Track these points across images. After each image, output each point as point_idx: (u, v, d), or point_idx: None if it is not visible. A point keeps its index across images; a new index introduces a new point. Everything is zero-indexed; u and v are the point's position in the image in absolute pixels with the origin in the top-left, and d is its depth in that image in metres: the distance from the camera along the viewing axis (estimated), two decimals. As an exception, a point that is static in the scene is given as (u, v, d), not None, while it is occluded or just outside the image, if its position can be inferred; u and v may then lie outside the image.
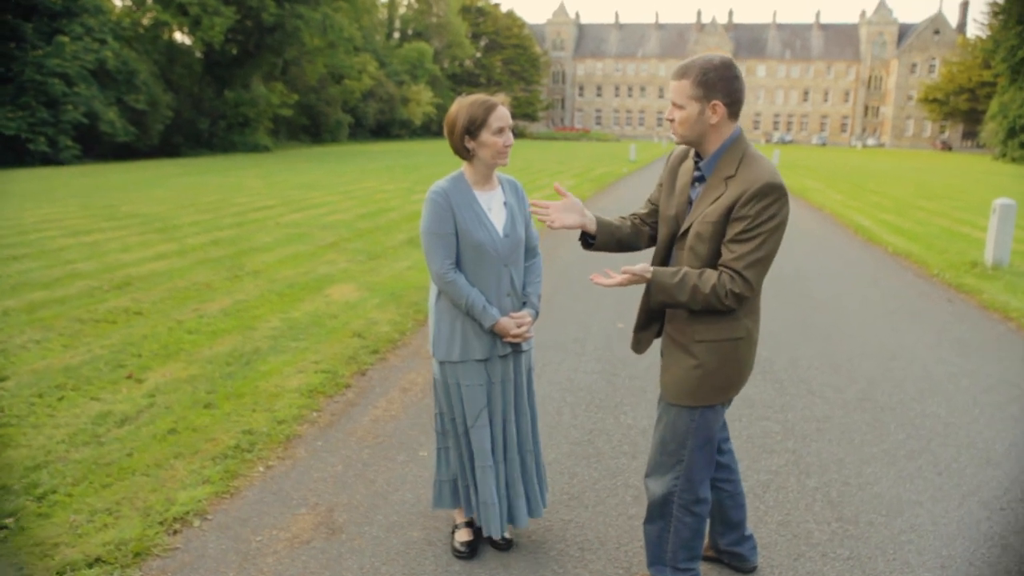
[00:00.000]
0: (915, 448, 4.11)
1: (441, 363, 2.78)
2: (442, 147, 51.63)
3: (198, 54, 39.06)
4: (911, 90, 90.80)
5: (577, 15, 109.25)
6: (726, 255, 2.25)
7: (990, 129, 53.85)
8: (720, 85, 2.24)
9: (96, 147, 31.27)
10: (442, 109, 71.97)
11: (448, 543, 3.09)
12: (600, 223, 2.57)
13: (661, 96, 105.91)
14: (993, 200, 9.38)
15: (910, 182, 25.94)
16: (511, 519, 2.92)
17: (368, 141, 59.14)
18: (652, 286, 2.31)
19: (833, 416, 4.55)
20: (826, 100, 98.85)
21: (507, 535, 3.05)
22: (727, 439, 2.77)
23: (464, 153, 2.67)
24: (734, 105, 2.27)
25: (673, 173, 2.51)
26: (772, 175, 2.22)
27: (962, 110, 74.16)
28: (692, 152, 2.43)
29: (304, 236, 10.95)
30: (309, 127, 51.85)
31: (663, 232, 2.51)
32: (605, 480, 3.70)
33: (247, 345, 5.66)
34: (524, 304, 2.83)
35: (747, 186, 2.21)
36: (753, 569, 2.89)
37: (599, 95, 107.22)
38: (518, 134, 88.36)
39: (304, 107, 48.98)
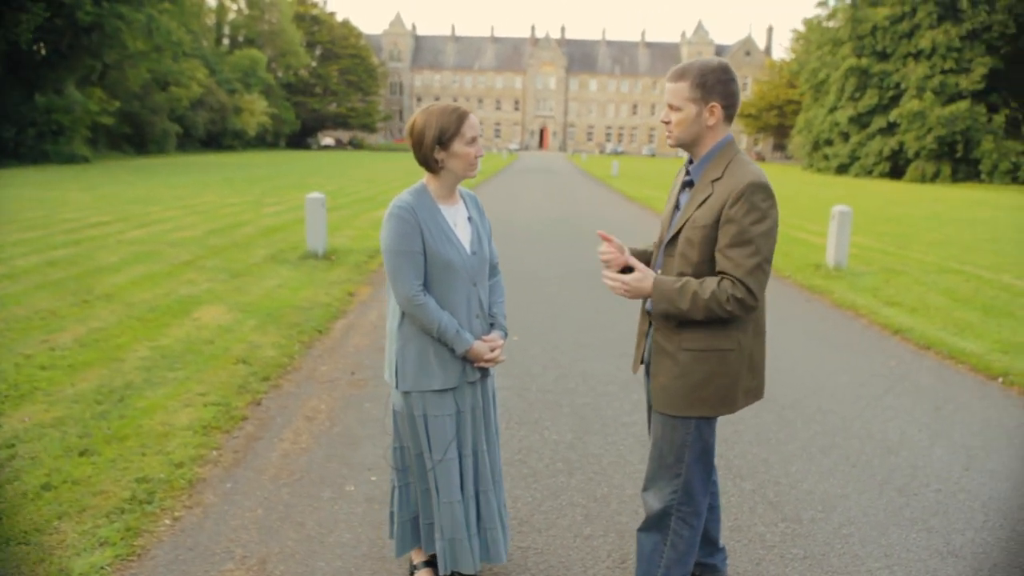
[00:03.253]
0: (825, 444, 4.33)
1: (406, 394, 2.54)
2: (280, 158, 49.65)
3: (-4, 54, 34.89)
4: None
5: (414, 26, 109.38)
6: (724, 263, 2.23)
7: (797, 142, 59.52)
8: (718, 88, 2.25)
9: None
10: (277, 119, 69.10)
11: (407, 586, 2.84)
12: (637, 255, 2.56)
13: (498, 108, 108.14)
14: (832, 207, 10.25)
15: (738, 191, 27.90)
16: (487, 556, 2.71)
17: (198, 152, 55.53)
18: (654, 293, 2.27)
19: (744, 417, 4.70)
20: (653, 113, 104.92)
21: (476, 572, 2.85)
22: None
23: (433, 165, 2.46)
24: (730, 108, 2.29)
25: (674, 182, 2.51)
26: (758, 176, 2.22)
27: (772, 124, 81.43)
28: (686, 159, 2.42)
29: (153, 254, 10.01)
30: (132, 136, 47.83)
31: (658, 237, 2.52)
32: (549, 501, 3.58)
33: (116, 379, 5.03)
34: (492, 325, 2.66)
35: (733, 187, 2.21)
36: (724, 580, 2.88)
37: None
38: (357, 145, 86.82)
39: (126, 115, 45.14)
